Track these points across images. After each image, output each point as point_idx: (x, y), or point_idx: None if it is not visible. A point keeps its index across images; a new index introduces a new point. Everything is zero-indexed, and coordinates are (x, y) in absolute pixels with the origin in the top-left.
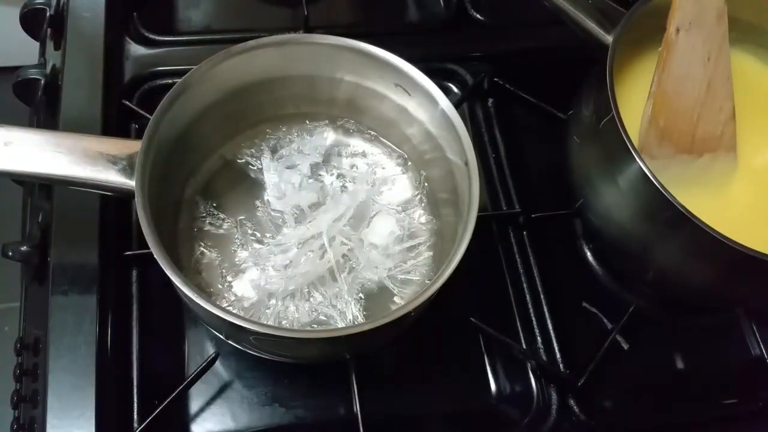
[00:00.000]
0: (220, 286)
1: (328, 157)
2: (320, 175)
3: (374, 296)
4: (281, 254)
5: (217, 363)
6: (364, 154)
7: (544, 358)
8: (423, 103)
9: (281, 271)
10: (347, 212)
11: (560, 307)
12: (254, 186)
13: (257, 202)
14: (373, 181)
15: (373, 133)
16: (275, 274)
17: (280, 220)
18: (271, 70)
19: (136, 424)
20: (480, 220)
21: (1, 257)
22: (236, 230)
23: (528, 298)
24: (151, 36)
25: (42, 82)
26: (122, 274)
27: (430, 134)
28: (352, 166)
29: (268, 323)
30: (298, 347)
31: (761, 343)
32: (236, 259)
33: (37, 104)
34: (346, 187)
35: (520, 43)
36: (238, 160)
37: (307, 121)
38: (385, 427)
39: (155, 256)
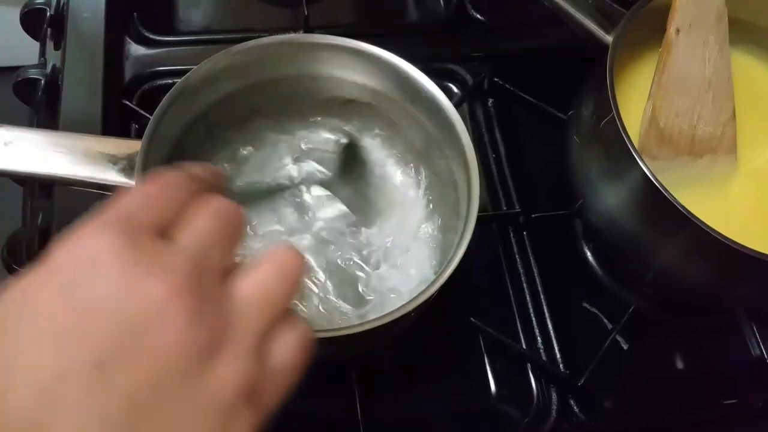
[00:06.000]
0: None
1: (326, 158)
2: (319, 175)
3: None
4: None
5: None
6: (362, 155)
7: (544, 358)
8: (423, 103)
9: None
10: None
11: (560, 307)
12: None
13: (255, 204)
14: (371, 183)
15: (372, 133)
16: None
17: (277, 217)
18: (272, 70)
19: None
20: (480, 220)
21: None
22: None
23: (528, 298)
24: (151, 36)
25: (42, 82)
26: None
27: (430, 134)
28: (350, 167)
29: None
30: None
31: (761, 343)
32: (236, 260)
33: (37, 104)
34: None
35: (520, 43)
36: (238, 160)
37: (307, 121)
38: (385, 427)
39: None
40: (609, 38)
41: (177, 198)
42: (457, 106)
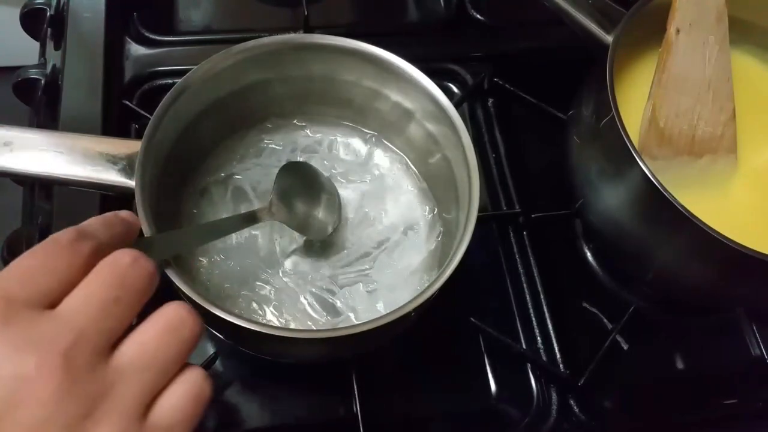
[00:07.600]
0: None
1: (327, 158)
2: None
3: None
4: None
5: (217, 363)
6: (363, 155)
7: (544, 358)
8: (423, 103)
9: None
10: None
11: (560, 307)
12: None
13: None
14: (372, 182)
15: (372, 133)
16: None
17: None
18: (271, 70)
19: None
20: (480, 220)
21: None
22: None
23: (528, 298)
24: (151, 36)
25: (42, 82)
26: None
27: (430, 134)
28: (350, 167)
29: (267, 322)
30: (297, 347)
31: (761, 343)
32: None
33: (37, 104)
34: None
35: (520, 43)
36: (237, 160)
37: (307, 122)
38: (385, 428)
39: None
40: (609, 38)
41: (64, 264)
42: (457, 106)
